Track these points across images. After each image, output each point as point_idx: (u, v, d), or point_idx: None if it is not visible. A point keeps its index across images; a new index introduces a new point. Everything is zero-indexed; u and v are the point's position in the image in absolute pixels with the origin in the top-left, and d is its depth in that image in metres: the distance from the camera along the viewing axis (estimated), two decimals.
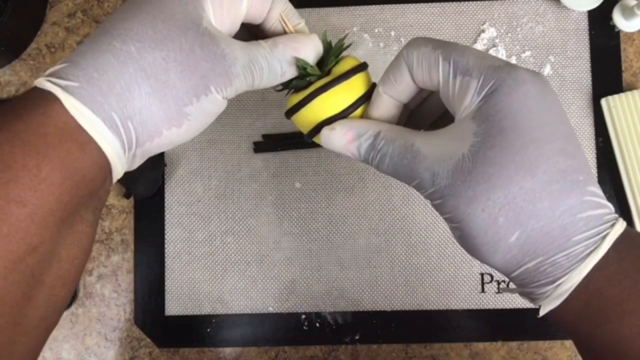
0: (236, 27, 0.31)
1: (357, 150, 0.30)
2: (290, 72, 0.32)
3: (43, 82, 0.26)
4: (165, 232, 0.56)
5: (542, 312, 0.27)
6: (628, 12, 0.52)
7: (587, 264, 0.25)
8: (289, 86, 0.34)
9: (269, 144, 0.56)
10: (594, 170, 0.55)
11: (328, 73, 0.33)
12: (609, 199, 0.54)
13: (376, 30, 0.57)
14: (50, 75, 0.26)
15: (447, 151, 0.27)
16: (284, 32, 0.33)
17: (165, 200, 0.56)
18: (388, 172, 0.29)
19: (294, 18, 0.33)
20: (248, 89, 0.31)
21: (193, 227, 0.56)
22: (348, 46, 0.35)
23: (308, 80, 0.33)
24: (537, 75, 0.27)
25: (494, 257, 0.27)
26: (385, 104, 0.32)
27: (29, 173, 0.24)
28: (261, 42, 0.30)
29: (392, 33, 0.56)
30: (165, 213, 0.56)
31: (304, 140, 0.56)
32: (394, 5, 0.57)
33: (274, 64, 0.30)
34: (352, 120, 0.31)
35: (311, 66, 0.33)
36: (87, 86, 0.25)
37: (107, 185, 0.28)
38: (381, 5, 0.57)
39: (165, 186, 0.56)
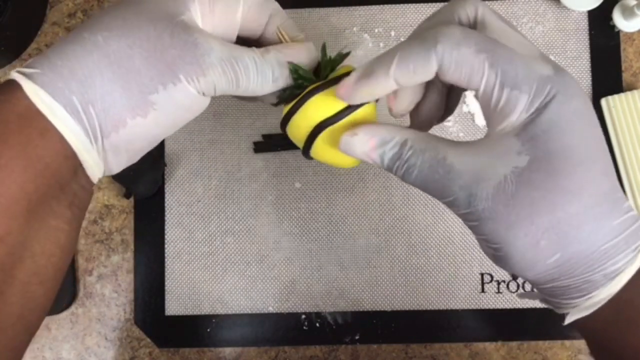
0: (231, 38, 0.30)
1: (380, 158, 0.28)
2: (284, 78, 0.30)
3: (12, 74, 0.26)
4: (165, 232, 0.56)
5: (568, 321, 0.27)
6: (628, 12, 0.52)
7: (621, 278, 0.25)
8: (283, 96, 0.32)
9: (269, 144, 0.56)
10: None
11: (324, 79, 0.31)
12: None
13: (376, 30, 0.57)
14: (23, 67, 0.26)
15: (486, 170, 0.25)
16: None
17: (165, 200, 0.56)
18: (415, 185, 0.27)
19: (293, 31, 0.32)
20: (234, 91, 0.29)
21: (193, 227, 0.56)
22: (347, 55, 0.33)
23: (303, 88, 0.31)
24: (579, 85, 0.26)
25: (527, 274, 0.26)
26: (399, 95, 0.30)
27: None
28: (254, 48, 0.29)
29: (392, 33, 0.56)
30: (165, 213, 0.56)
31: None
32: (394, 5, 0.56)
33: (264, 68, 0.29)
34: (376, 125, 0.28)
35: (304, 70, 0.31)
36: (48, 72, 0.25)
37: (82, 180, 0.27)
38: (381, 5, 0.57)
39: (165, 186, 0.56)
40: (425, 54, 0.25)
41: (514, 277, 0.54)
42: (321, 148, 0.31)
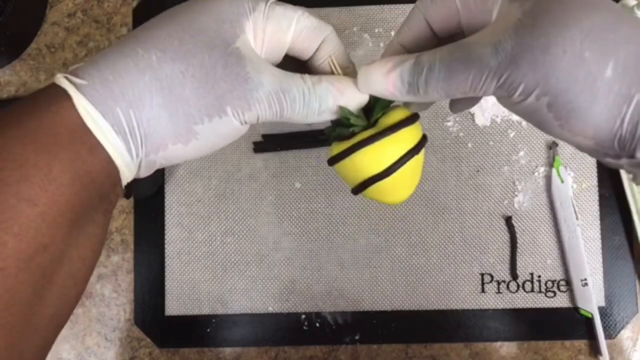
0: (279, 56, 0.30)
1: (399, 78, 0.27)
2: (329, 112, 0.29)
3: (60, 79, 0.26)
4: (165, 232, 0.56)
5: None
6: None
7: None
8: (332, 134, 0.31)
9: (269, 144, 0.56)
10: (594, 170, 0.55)
11: (374, 124, 0.30)
12: (608, 199, 0.54)
13: (376, 30, 0.57)
14: (70, 73, 0.26)
15: (498, 26, 0.25)
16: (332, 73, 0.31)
17: (165, 200, 0.56)
18: (440, 84, 0.26)
19: (345, 61, 0.32)
20: (275, 120, 0.29)
21: (193, 227, 0.56)
22: (408, 119, 0.31)
23: (352, 130, 0.30)
24: None
25: (595, 108, 0.23)
26: (419, 30, 0.30)
27: (40, 172, 0.24)
28: (305, 75, 0.28)
29: (392, 33, 0.56)
30: (165, 213, 0.56)
31: (304, 140, 0.56)
32: (394, 5, 0.56)
33: (312, 100, 0.28)
34: (386, 58, 0.28)
35: (355, 116, 0.30)
36: (100, 88, 0.25)
37: (118, 190, 0.28)
38: (381, 6, 0.57)
39: (165, 186, 0.56)
40: (411, 12, 0.29)
41: (514, 277, 0.54)
42: (370, 194, 0.31)
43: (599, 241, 0.54)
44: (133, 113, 0.26)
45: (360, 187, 0.31)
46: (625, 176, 0.53)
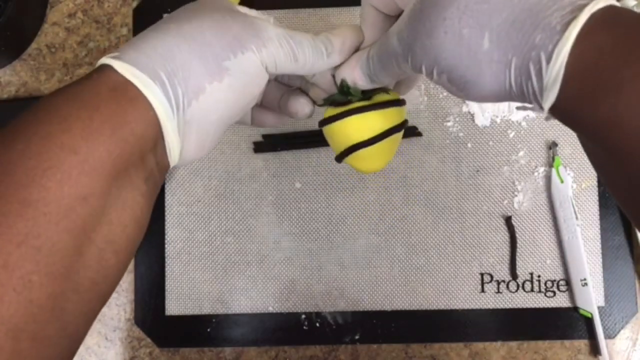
0: None
1: (361, 71, 0.32)
2: (337, 54, 0.33)
3: (101, 59, 0.29)
4: (165, 232, 0.56)
5: (546, 107, 0.25)
6: None
7: (569, 34, 0.23)
8: (329, 99, 0.35)
9: (269, 144, 0.56)
10: (593, 171, 0.55)
11: (368, 99, 0.34)
12: (608, 199, 0.54)
13: None
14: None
15: (405, 13, 0.29)
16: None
17: (165, 200, 0.56)
18: (383, 72, 0.31)
19: None
20: (295, 68, 0.32)
21: (193, 227, 0.56)
22: (396, 101, 0.36)
23: (349, 98, 0.34)
24: None
25: (484, 78, 0.26)
26: (373, 17, 0.33)
27: (82, 124, 0.26)
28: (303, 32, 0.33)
29: None
30: (165, 213, 0.56)
31: (304, 140, 0.56)
32: None
33: (317, 43, 0.32)
34: (352, 59, 0.33)
35: (354, 88, 0.34)
36: (133, 52, 0.28)
37: (159, 156, 0.29)
38: None
39: (165, 186, 0.56)
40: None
41: (514, 277, 0.54)
42: (353, 160, 0.35)
43: (599, 241, 0.54)
44: (166, 64, 0.28)
45: (346, 152, 0.34)
46: None
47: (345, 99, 0.34)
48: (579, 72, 0.23)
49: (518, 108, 0.29)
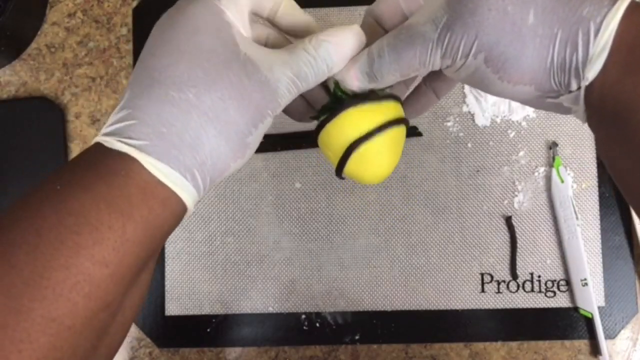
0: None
1: (359, 71, 0.30)
2: (338, 67, 0.31)
3: (114, 143, 0.26)
4: None
5: (590, 77, 0.25)
6: None
7: (618, 6, 0.24)
8: (322, 108, 0.34)
9: (269, 144, 0.56)
10: (594, 170, 0.55)
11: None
12: (608, 199, 0.54)
13: None
14: (118, 135, 0.26)
15: (433, 4, 0.28)
16: (298, 23, 0.33)
17: None
18: (392, 66, 0.29)
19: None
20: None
21: (193, 227, 0.56)
22: (390, 96, 0.34)
23: (341, 99, 0.33)
24: None
25: (526, 53, 0.26)
26: (373, 28, 0.32)
27: (114, 234, 0.24)
28: (305, 43, 0.29)
29: None
30: None
31: (304, 140, 0.56)
32: None
33: (319, 66, 0.29)
34: (351, 61, 0.31)
35: (347, 93, 0.32)
36: (159, 143, 0.26)
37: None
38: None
39: None
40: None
41: (514, 277, 0.54)
42: (355, 166, 0.33)
43: (599, 241, 0.54)
44: (197, 154, 0.26)
45: (345, 156, 0.32)
46: None
47: (337, 103, 0.33)
48: (627, 44, 0.24)
49: (548, 96, 0.28)
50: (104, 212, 0.24)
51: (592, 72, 0.25)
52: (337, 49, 0.30)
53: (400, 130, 0.33)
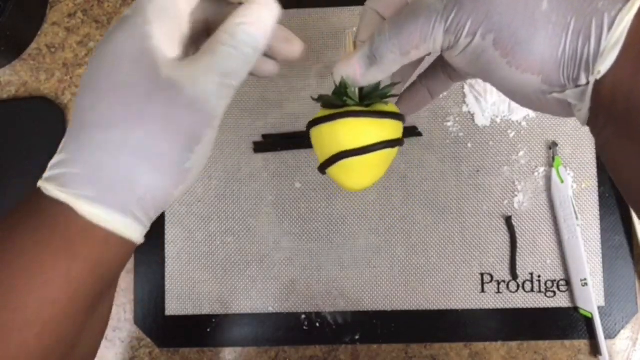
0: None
1: (361, 58, 0.29)
2: (263, 42, 0.29)
3: (52, 191, 0.26)
4: (165, 232, 0.56)
5: (602, 71, 0.25)
6: None
7: (633, 2, 0.24)
8: (323, 99, 0.32)
9: (269, 144, 0.56)
10: (594, 170, 0.55)
11: (366, 107, 0.32)
12: (608, 199, 0.54)
13: None
14: (55, 181, 0.26)
15: None
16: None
17: None
18: (392, 41, 0.28)
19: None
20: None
21: (193, 227, 0.56)
22: (396, 96, 0.34)
23: (345, 101, 0.32)
24: None
25: (537, 39, 0.25)
26: (373, 20, 0.31)
27: (60, 274, 0.25)
28: (221, 35, 0.28)
29: None
30: (166, 213, 0.56)
31: (304, 140, 0.56)
32: None
33: (245, 51, 0.28)
34: (348, 56, 0.30)
35: (352, 89, 0.31)
36: (92, 188, 0.26)
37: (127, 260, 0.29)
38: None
39: None
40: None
41: (514, 277, 0.54)
42: (338, 172, 0.32)
43: (599, 241, 0.54)
44: (132, 192, 0.26)
45: (333, 159, 0.31)
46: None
47: (340, 102, 0.32)
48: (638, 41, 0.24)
49: (553, 91, 0.27)
50: (48, 254, 0.25)
51: (603, 67, 0.24)
52: (257, 26, 0.28)
53: (392, 151, 0.32)
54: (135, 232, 0.27)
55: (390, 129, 0.31)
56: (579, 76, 0.25)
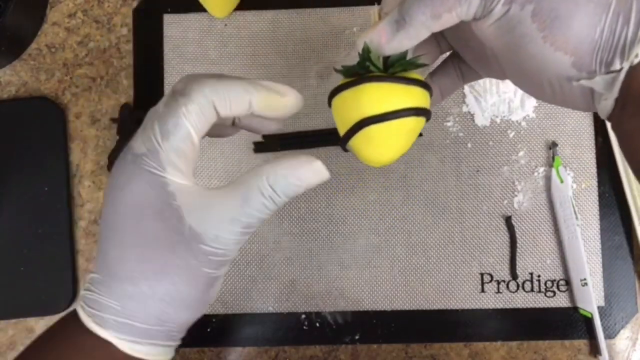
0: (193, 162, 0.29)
1: (388, 22, 0.28)
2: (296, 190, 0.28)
3: (95, 328, 0.28)
4: None
5: (626, 66, 0.24)
6: None
7: None
8: (345, 69, 0.31)
9: (269, 144, 0.56)
10: (593, 170, 0.55)
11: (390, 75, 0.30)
12: (608, 199, 0.54)
13: None
14: (92, 316, 0.28)
15: None
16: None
17: None
18: (425, 1, 0.27)
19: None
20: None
21: None
22: (424, 65, 0.31)
23: (367, 66, 0.30)
24: None
25: (577, 15, 0.24)
26: None
27: None
28: (262, 180, 0.27)
29: None
30: None
31: (304, 140, 0.56)
32: None
33: (279, 201, 0.28)
34: (372, 28, 0.29)
35: (375, 55, 0.29)
36: (129, 332, 0.28)
37: None
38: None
39: None
40: None
41: (514, 277, 0.54)
42: (360, 142, 0.30)
43: (599, 241, 0.54)
44: (162, 327, 0.28)
45: (354, 129, 0.30)
46: (624, 176, 0.53)
47: (363, 70, 0.30)
48: None
49: (580, 78, 0.26)
50: None
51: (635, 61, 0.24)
52: (302, 183, 0.28)
53: (418, 120, 0.30)
54: (169, 354, 0.30)
55: (416, 97, 0.30)
56: (613, 60, 0.25)
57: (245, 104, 0.28)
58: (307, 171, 0.27)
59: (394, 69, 0.30)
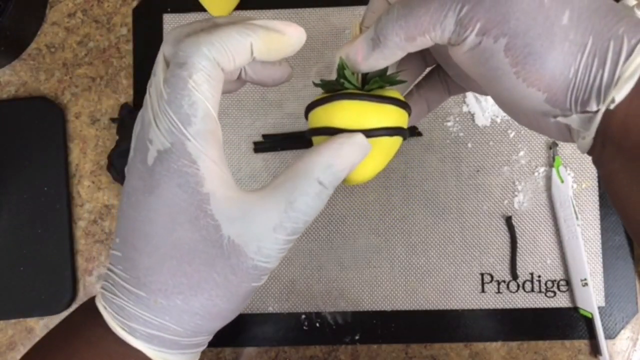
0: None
1: (364, 40, 0.27)
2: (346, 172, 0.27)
3: (127, 337, 0.26)
4: None
5: (617, 99, 0.23)
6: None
7: None
8: (323, 82, 0.30)
9: (269, 144, 0.56)
10: (594, 170, 0.55)
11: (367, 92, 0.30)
12: (607, 200, 0.54)
13: None
14: (121, 324, 0.26)
15: None
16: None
17: None
18: (399, 23, 0.26)
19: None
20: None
21: None
22: (401, 82, 0.31)
23: (342, 83, 0.29)
24: None
25: (552, 53, 0.24)
26: (381, 6, 0.30)
27: None
28: (303, 179, 0.26)
29: None
30: None
31: (304, 140, 0.56)
32: None
33: (325, 196, 0.26)
34: (352, 41, 0.29)
35: (351, 73, 0.29)
36: (160, 344, 0.26)
37: None
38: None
39: None
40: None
41: (514, 277, 0.54)
42: None
43: (599, 241, 0.54)
44: (195, 338, 0.27)
45: (324, 130, 0.29)
46: None
47: (338, 86, 0.29)
48: None
49: (556, 115, 0.25)
50: None
51: (619, 95, 0.23)
52: (346, 168, 0.26)
53: (393, 140, 0.29)
54: (196, 358, 0.29)
55: (391, 116, 0.29)
56: (589, 101, 0.24)
57: (247, 51, 0.25)
58: (351, 151, 0.26)
59: (369, 85, 0.30)
